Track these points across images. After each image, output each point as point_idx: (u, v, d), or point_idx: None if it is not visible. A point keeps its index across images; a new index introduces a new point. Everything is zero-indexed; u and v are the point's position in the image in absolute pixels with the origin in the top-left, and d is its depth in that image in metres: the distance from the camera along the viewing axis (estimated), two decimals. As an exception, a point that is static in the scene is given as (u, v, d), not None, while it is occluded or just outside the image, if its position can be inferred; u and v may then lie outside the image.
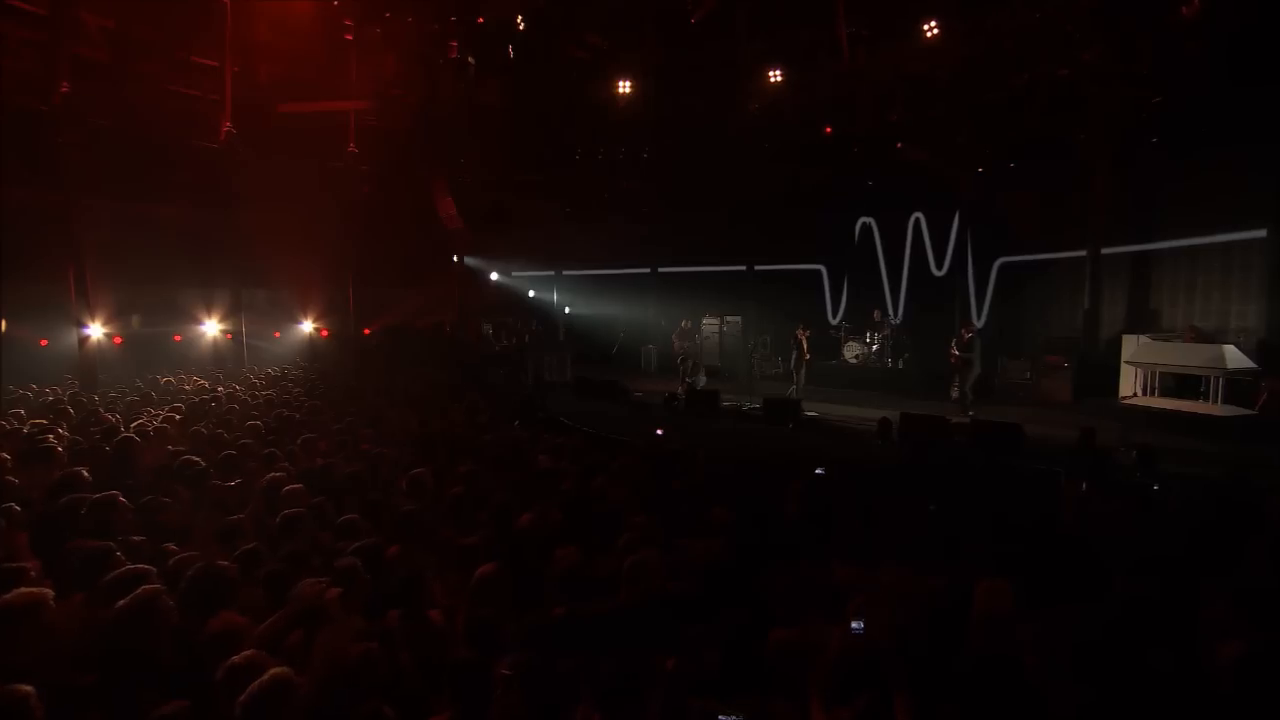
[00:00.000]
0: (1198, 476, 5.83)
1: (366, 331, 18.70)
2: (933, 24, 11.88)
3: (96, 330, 14.80)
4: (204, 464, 5.32)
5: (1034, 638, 2.61)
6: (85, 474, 4.55)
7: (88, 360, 12.62)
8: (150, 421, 6.91)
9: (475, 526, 4.12)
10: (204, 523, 4.14)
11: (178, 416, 7.61)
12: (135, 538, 3.76)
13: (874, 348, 14.01)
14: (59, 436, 6.02)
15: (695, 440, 8.09)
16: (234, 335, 16.45)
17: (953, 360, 10.57)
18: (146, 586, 2.57)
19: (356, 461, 5.69)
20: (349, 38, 15.37)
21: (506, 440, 6.46)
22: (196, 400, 9.23)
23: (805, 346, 11.97)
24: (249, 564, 3.34)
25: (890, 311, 14.79)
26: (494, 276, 18.66)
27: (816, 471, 4.42)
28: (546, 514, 4.27)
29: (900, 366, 13.68)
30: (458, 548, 3.50)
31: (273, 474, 4.81)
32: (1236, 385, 8.77)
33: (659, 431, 6.32)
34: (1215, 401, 8.67)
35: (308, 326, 18.29)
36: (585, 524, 4.16)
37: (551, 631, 2.51)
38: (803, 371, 12.00)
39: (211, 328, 16.73)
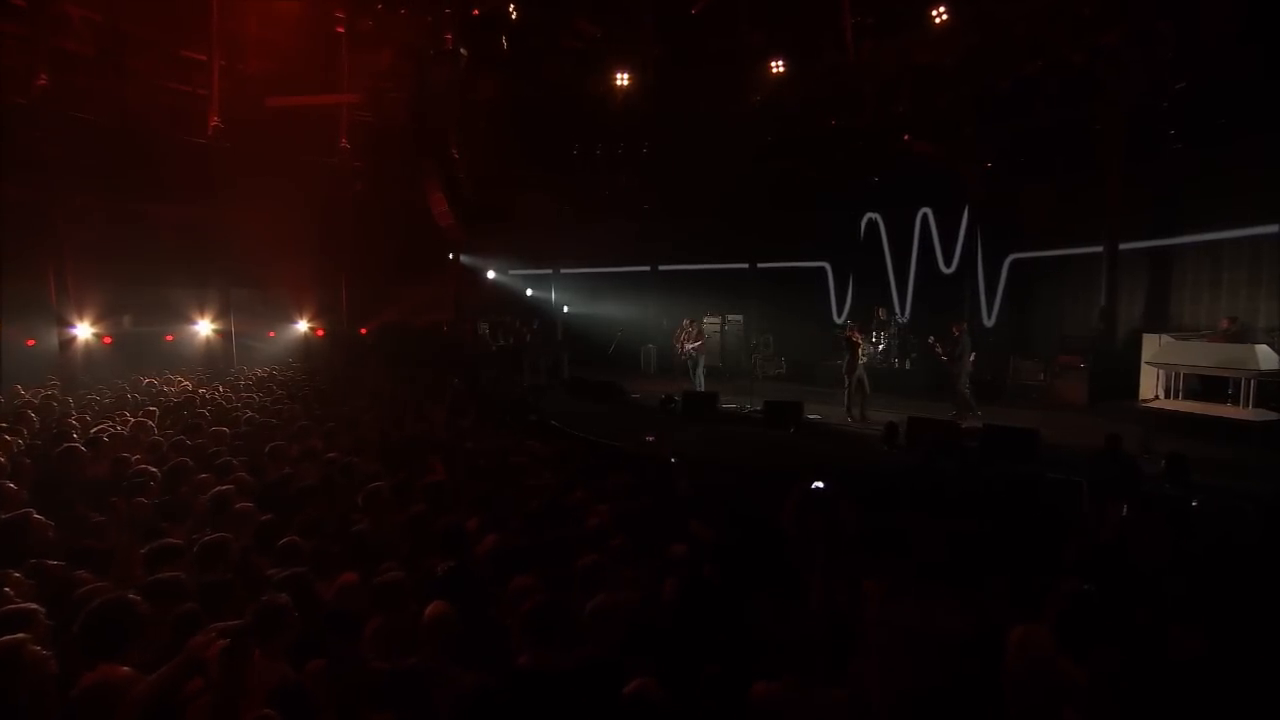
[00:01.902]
0: (1235, 489, 5.35)
1: (364, 331, 18.38)
2: (941, 10, 11.40)
3: (85, 330, 14.58)
4: (156, 474, 4.95)
5: (1081, 694, 2.17)
6: (12, 487, 4.17)
7: (69, 361, 12.31)
8: (110, 427, 6.52)
9: (433, 550, 3.69)
10: (131, 544, 3.73)
11: (149, 422, 7.24)
12: (51, 562, 3.36)
13: (880, 347, 13.53)
14: (4, 445, 5.63)
15: (691, 445, 7.67)
16: (225, 335, 16.13)
17: (940, 359, 10.11)
18: (6, 638, 2.14)
19: (321, 472, 5.28)
20: (340, 30, 15.05)
21: (486, 447, 6.02)
22: (173, 403, 8.86)
23: (859, 349, 10.21)
24: (164, 596, 2.91)
25: (897, 310, 14.31)
26: (490, 275, 18.27)
27: (814, 485, 3.97)
28: (513, 537, 3.84)
29: (908, 367, 13.20)
30: (393, 580, 3.06)
31: (220, 487, 4.40)
32: (1268, 388, 8.24)
33: (649, 438, 5.88)
34: (1246, 405, 8.15)
35: (303, 326, 17.97)
36: (557, 547, 3.73)
37: (494, 697, 2.07)
38: (857, 376, 10.07)
39: (204, 327, 16.44)
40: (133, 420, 7.25)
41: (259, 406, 8.70)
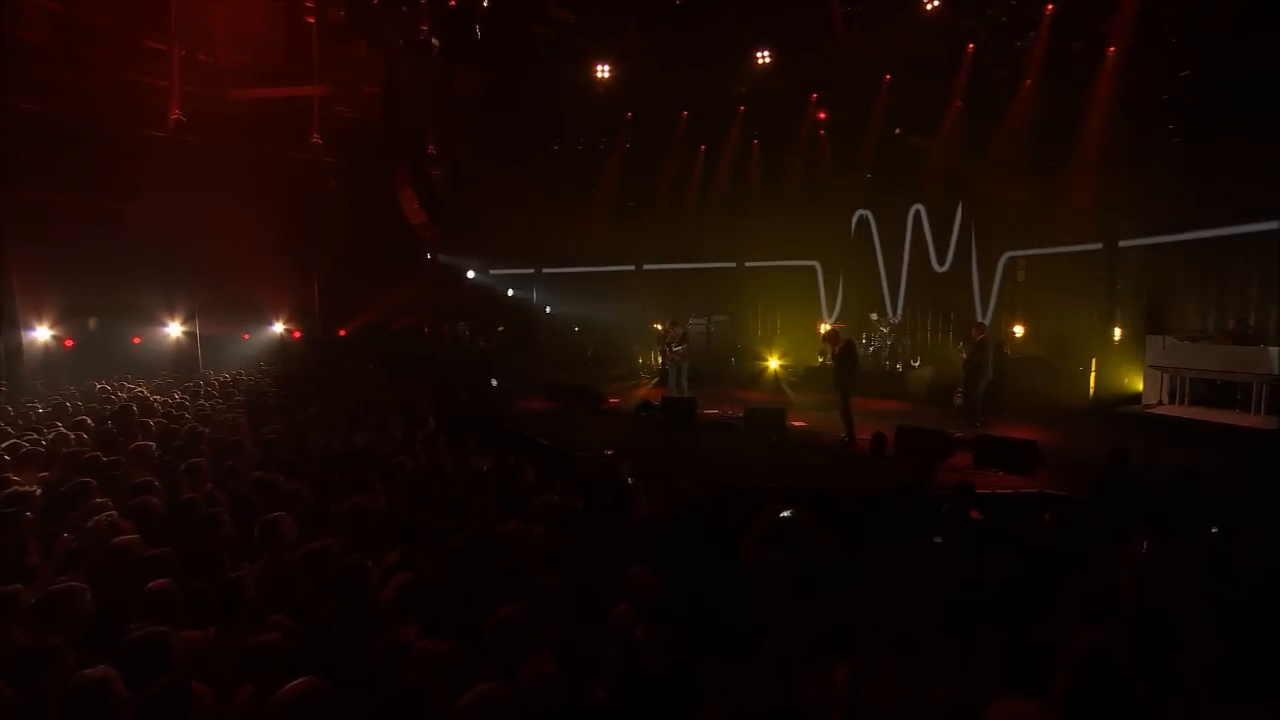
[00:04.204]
0: (1258, 507, 4.82)
1: (342, 333, 17.83)
2: (933, -4, 10.93)
3: (44, 333, 14.05)
4: (36, 496, 4.40)
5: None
6: None
7: (13, 365, 11.68)
8: (24, 441, 5.94)
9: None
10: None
11: (82, 434, 6.65)
12: None
13: (870, 349, 13.01)
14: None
15: (661, 457, 7.14)
16: (192, 337, 15.60)
17: (962, 363, 9.52)
18: None
19: (238, 494, 4.71)
20: (310, 20, 14.46)
21: (431, 464, 5.46)
22: (114, 411, 8.27)
23: (833, 354, 8.81)
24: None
25: (889, 310, 13.82)
26: (470, 275, 17.70)
27: (782, 515, 3.45)
28: (433, 576, 3.28)
29: (899, 369, 12.70)
30: (263, 644, 2.51)
31: (100, 516, 3.83)
32: (1280, 393, 7.72)
33: (608, 452, 5.35)
34: (1258, 412, 7.63)
35: (278, 328, 17.43)
36: (479, 591, 3.19)
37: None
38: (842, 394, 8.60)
39: (174, 329, 15.91)
40: (56, 432, 6.68)
41: (206, 415, 8.14)
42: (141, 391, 10.69)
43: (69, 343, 14.65)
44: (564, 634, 2.71)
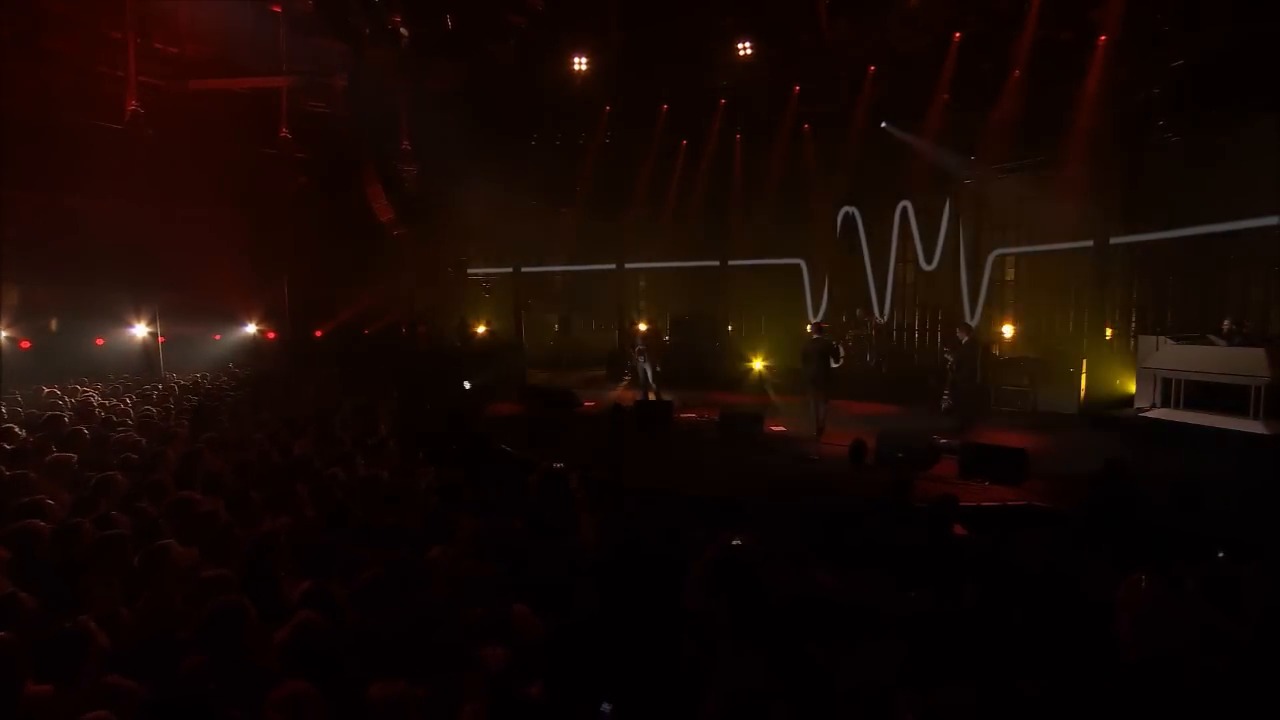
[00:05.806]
0: (1254, 519, 4.45)
1: (318, 334, 17.32)
2: (919, -15, 10.55)
3: (-3, 334, 13.56)
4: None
5: None
6: None
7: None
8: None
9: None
10: None
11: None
12: None
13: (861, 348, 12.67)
14: None
15: (626, 466, 6.71)
16: (154, 338, 15.10)
17: (948, 366, 9.16)
18: None
19: (143, 515, 4.25)
20: (277, 10, 13.97)
21: (368, 478, 5.00)
22: (44, 419, 7.76)
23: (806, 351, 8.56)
24: None
25: (875, 309, 13.47)
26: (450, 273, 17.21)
27: (733, 543, 3.03)
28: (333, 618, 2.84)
29: (884, 370, 12.36)
30: None
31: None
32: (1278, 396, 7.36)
33: (557, 465, 4.93)
34: (1257, 417, 7.28)
35: (251, 329, 16.93)
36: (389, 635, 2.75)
37: None
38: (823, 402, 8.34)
39: (140, 330, 15.41)
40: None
41: (150, 421, 7.65)
42: (91, 396, 10.19)
43: (25, 344, 14.15)
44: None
